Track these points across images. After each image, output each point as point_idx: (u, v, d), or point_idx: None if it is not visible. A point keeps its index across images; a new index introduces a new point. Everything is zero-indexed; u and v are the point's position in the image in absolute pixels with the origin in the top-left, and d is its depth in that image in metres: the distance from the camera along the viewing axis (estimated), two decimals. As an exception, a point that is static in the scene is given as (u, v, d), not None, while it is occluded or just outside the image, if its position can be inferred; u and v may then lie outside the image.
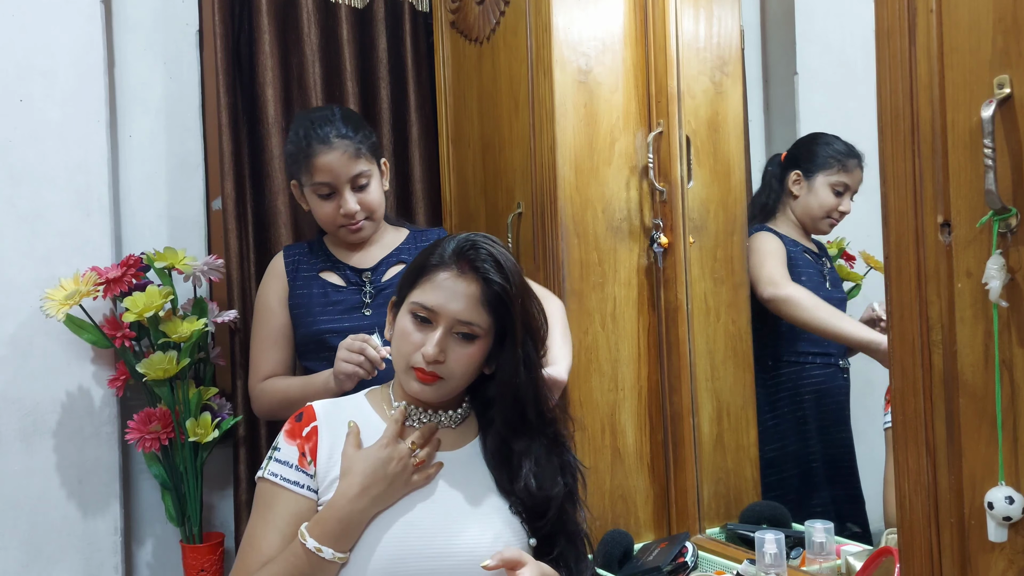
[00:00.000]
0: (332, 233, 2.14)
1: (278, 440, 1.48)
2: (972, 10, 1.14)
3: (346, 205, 2.05)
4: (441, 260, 1.44)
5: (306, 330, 2.09)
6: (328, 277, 2.13)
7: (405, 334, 1.45)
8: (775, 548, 1.73)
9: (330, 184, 2.04)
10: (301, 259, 2.15)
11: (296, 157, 2.08)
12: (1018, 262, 1.09)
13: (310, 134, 2.05)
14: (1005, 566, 1.14)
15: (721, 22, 2.22)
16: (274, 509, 1.43)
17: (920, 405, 1.23)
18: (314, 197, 2.08)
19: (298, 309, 2.10)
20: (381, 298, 2.09)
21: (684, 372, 2.15)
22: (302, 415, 1.50)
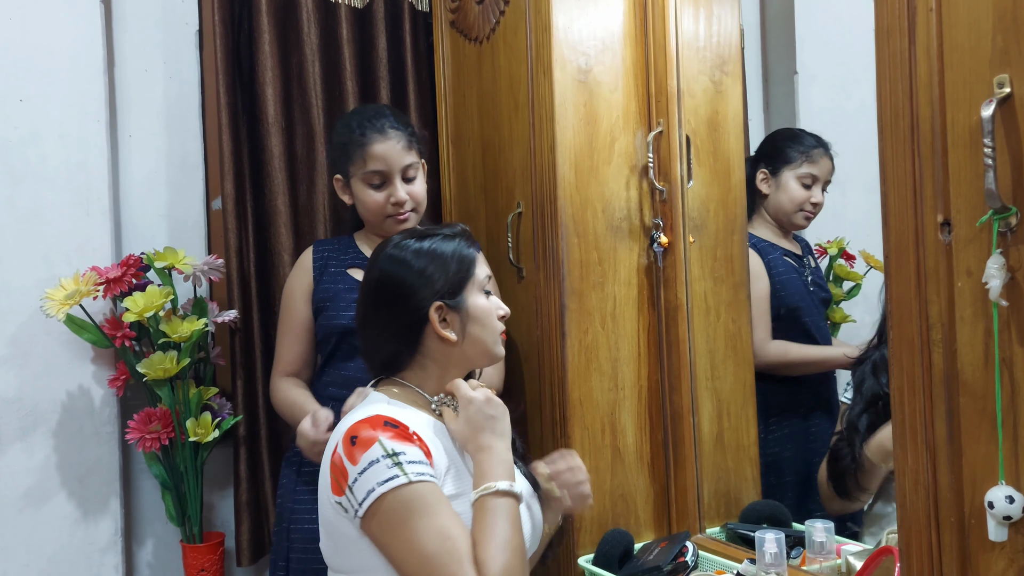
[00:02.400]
0: (377, 224, 2.17)
1: (394, 446, 1.43)
2: (972, 9, 1.14)
3: (397, 194, 2.11)
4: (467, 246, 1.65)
5: (328, 324, 2.13)
6: (355, 274, 2.15)
7: (488, 310, 1.64)
8: (775, 547, 1.73)
9: (383, 173, 2.11)
10: (330, 255, 2.20)
11: (347, 148, 2.14)
12: (1018, 261, 1.09)
13: (365, 124, 2.13)
14: (1005, 565, 1.14)
15: (721, 21, 2.22)
16: (440, 500, 1.43)
17: (920, 404, 1.23)
18: (364, 187, 2.13)
19: (323, 303, 2.15)
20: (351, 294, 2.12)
21: (684, 371, 2.14)
22: (396, 425, 1.48)
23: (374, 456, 1.42)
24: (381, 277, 1.61)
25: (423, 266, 1.59)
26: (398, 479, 1.40)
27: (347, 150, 2.14)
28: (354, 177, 2.14)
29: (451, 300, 1.59)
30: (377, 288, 1.61)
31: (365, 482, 1.41)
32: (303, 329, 2.19)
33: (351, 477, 1.43)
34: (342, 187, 2.20)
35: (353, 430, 1.46)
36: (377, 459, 1.41)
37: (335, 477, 1.46)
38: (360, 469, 1.42)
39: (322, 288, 2.16)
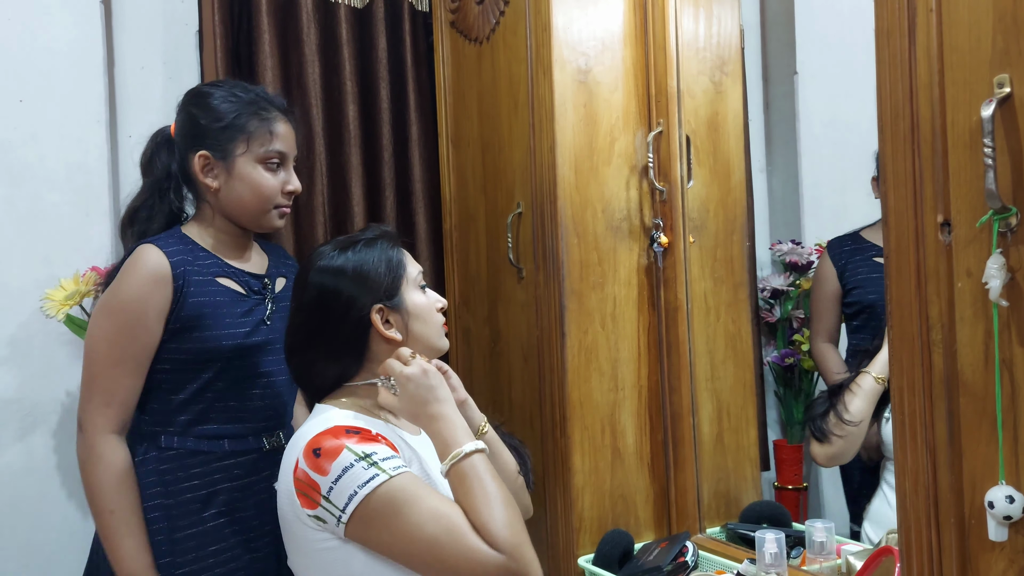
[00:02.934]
0: (256, 215, 1.89)
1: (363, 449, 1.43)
2: (972, 9, 1.14)
3: (294, 182, 1.92)
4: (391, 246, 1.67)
5: (210, 345, 1.81)
6: (227, 283, 1.88)
7: (427, 305, 1.67)
8: (775, 547, 1.73)
9: (284, 155, 1.90)
10: (187, 262, 1.82)
11: (242, 121, 1.86)
12: (1018, 261, 1.09)
13: (265, 98, 1.92)
14: (1006, 565, 1.14)
15: (721, 21, 2.22)
16: (421, 485, 1.44)
17: (920, 404, 1.23)
18: (260, 168, 1.86)
19: (196, 321, 1.80)
20: (279, 310, 1.93)
21: (684, 372, 2.15)
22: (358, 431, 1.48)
23: (346, 462, 1.41)
24: (318, 295, 1.60)
25: (356, 274, 1.60)
26: (378, 478, 1.40)
27: (241, 124, 1.85)
28: (242, 156, 1.85)
29: (390, 301, 1.61)
30: (316, 306, 1.61)
31: (344, 488, 1.40)
32: (147, 357, 1.80)
33: (324, 487, 1.41)
34: (208, 168, 1.87)
35: (314, 443, 1.45)
36: (351, 464, 1.41)
37: (304, 492, 1.44)
38: (334, 477, 1.41)
39: (192, 303, 1.79)
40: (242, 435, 1.87)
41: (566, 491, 2.09)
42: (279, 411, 1.94)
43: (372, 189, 2.61)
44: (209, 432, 1.84)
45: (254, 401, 1.89)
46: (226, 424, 1.86)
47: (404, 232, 2.63)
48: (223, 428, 1.85)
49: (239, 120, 1.86)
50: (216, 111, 1.88)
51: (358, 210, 2.55)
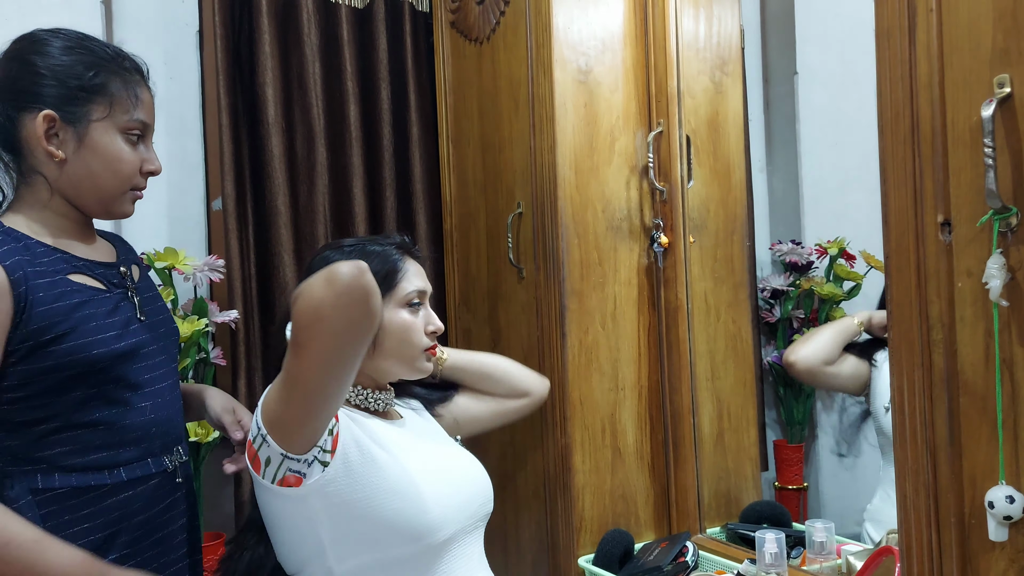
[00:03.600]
0: (111, 196, 1.56)
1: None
2: (972, 9, 1.14)
3: (155, 160, 1.60)
4: (398, 256, 1.64)
5: (81, 355, 1.47)
6: (81, 280, 1.53)
7: (410, 324, 1.62)
8: (776, 547, 1.73)
9: (146, 126, 1.59)
10: (26, 263, 1.46)
11: (102, 81, 1.54)
12: (1018, 261, 1.09)
13: (128, 57, 1.61)
14: (1006, 565, 1.14)
15: (721, 21, 2.22)
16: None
17: (920, 404, 1.23)
18: (117, 139, 1.54)
19: (47, 333, 1.45)
20: (148, 305, 1.64)
21: (684, 371, 2.15)
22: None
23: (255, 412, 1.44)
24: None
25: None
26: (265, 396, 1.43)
27: (102, 83, 1.53)
28: (100, 122, 1.52)
29: None
30: None
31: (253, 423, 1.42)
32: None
33: (252, 436, 1.43)
34: (52, 132, 1.51)
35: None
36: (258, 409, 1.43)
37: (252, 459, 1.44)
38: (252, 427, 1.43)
39: (41, 312, 1.44)
40: (136, 459, 1.55)
41: (566, 491, 2.09)
42: (173, 422, 1.64)
43: (373, 189, 2.61)
44: (94, 462, 1.50)
45: (141, 416, 1.56)
46: (113, 450, 1.52)
47: (404, 232, 2.63)
48: (111, 455, 1.52)
49: (99, 79, 1.53)
50: (66, 65, 1.55)
51: (359, 210, 2.55)
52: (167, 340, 1.67)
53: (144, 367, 1.57)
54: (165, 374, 1.62)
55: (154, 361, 1.59)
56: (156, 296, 1.69)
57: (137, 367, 1.56)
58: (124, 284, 1.61)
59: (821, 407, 2.41)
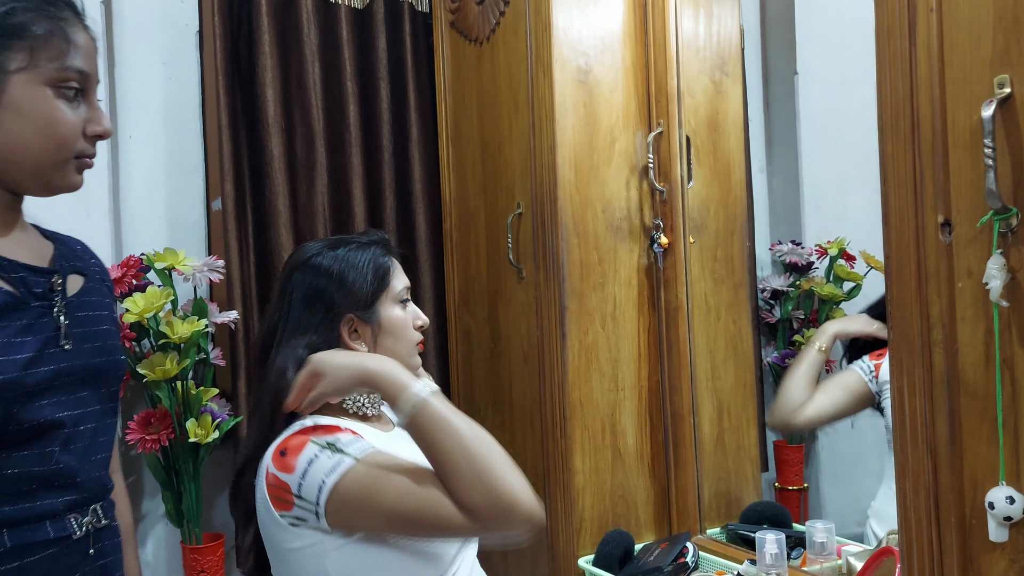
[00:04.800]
0: (46, 166, 1.27)
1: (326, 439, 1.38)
2: (972, 9, 1.14)
3: (102, 120, 1.28)
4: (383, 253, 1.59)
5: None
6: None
7: (403, 322, 1.58)
8: (776, 548, 1.73)
9: (86, 77, 1.26)
10: None
11: (20, 21, 1.21)
12: (1019, 261, 1.09)
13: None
14: (1006, 566, 1.13)
15: (721, 21, 2.22)
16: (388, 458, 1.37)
17: (921, 404, 1.23)
18: (47, 94, 1.22)
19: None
20: (82, 327, 1.31)
21: (684, 372, 2.14)
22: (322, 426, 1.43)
23: (311, 454, 1.36)
24: (301, 292, 1.53)
25: (340, 276, 1.53)
26: (344, 462, 1.34)
27: (20, 23, 1.21)
28: (21, 74, 1.21)
29: (363, 312, 1.54)
30: (296, 303, 1.53)
31: (312, 481, 1.35)
32: None
33: (294, 485, 1.36)
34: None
35: (280, 446, 1.41)
36: (315, 455, 1.36)
37: (276, 496, 1.39)
38: (301, 472, 1.36)
39: None
40: (32, 519, 1.21)
41: (566, 491, 2.09)
42: (92, 475, 1.30)
43: (372, 189, 2.61)
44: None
45: (46, 465, 1.22)
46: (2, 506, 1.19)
47: (404, 232, 2.63)
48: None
49: (14, 18, 1.20)
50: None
51: (359, 210, 2.55)
52: (101, 376, 1.32)
53: (57, 403, 1.23)
54: (88, 416, 1.28)
55: (73, 398, 1.25)
56: (101, 318, 1.35)
57: (48, 403, 1.22)
58: (49, 297, 1.27)
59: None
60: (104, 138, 1.29)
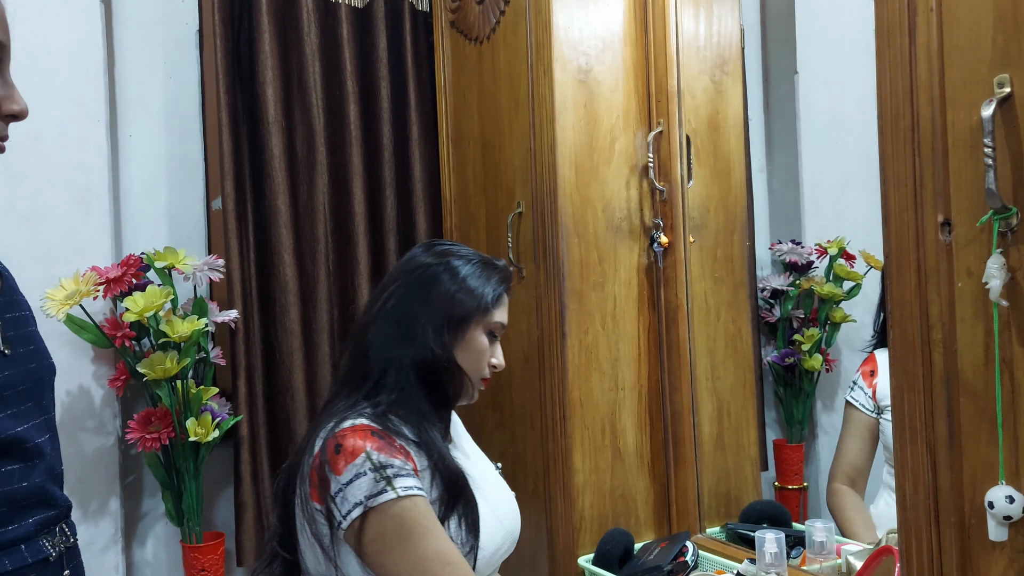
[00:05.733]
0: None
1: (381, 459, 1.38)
2: (972, 9, 1.14)
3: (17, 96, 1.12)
4: (506, 285, 1.66)
5: None
6: None
7: (484, 348, 1.61)
8: (775, 547, 1.73)
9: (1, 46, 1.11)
10: None
11: None
12: (1018, 261, 1.09)
13: None
14: (1006, 565, 1.13)
15: (721, 21, 2.22)
16: (433, 520, 1.41)
17: (920, 404, 1.23)
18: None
19: None
20: (12, 331, 1.19)
21: (684, 371, 2.14)
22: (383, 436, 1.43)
23: (360, 468, 1.37)
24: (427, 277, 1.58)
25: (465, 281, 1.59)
26: (387, 495, 1.36)
27: None
28: None
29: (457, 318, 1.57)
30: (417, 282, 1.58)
31: (351, 494, 1.36)
32: None
33: (334, 488, 1.38)
34: None
35: (339, 437, 1.41)
36: (364, 472, 1.37)
37: (315, 485, 1.41)
38: (345, 480, 1.37)
39: None
40: (7, 545, 1.13)
41: (566, 491, 2.09)
42: (57, 492, 1.23)
43: (373, 188, 2.61)
44: None
45: (10, 486, 1.13)
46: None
47: (404, 231, 2.63)
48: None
49: None
50: None
51: (359, 209, 2.55)
52: (40, 383, 1.21)
53: (9, 417, 1.12)
54: (38, 428, 1.18)
55: (19, 409, 1.15)
56: (27, 319, 1.25)
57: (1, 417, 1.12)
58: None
59: (821, 407, 2.41)
60: (20, 118, 1.08)
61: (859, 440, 2.14)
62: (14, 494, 1.12)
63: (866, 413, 2.12)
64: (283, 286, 2.44)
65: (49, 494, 1.18)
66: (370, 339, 1.55)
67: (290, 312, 2.45)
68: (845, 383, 2.26)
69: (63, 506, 1.22)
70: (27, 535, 1.13)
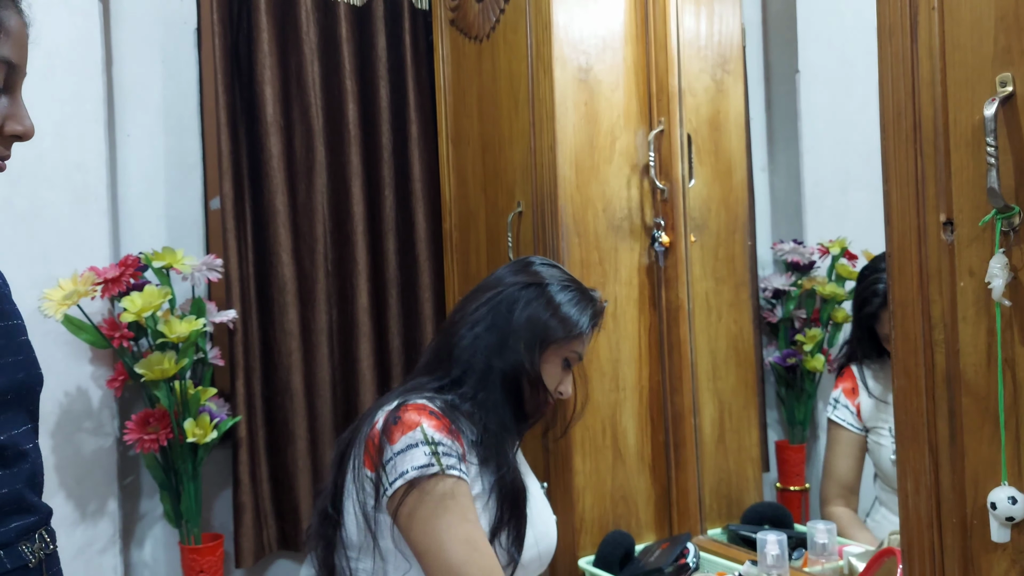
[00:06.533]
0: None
1: (434, 435, 1.45)
2: (974, 7, 1.13)
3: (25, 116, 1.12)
4: (594, 321, 1.65)
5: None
6: None
7: (557, 375, 1.63)
8: (777, 549, 1.73)
9: (13, 68, 1.10)
10: None
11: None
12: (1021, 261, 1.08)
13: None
14: (1008, 566, 1.13)
15: (722, 19, 2.22)
16: (470, 506, 1.46)
17: (922, 404, 1.22)
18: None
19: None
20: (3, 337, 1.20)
21: (686, 372, 2.14)
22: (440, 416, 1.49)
23: (413, 440, 1.44)
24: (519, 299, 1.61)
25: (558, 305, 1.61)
26: (432, 468, 1.42)
27: None
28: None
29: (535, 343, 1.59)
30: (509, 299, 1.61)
31: (400, 464, 1.43)
32: None
33: (386, 456, 1.45)
34: None
35: (399, 410, 1.48)
36: (416, 443, 1.43)
37: (370, 452, 1.47)
38: (398, 449, 1.44)
39: None
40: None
41: (567, 492, 2.08)
42: (28, 500, 1.18)
43: (372, 188, 2.60)
44: None
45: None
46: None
47: (404, 231, 2.63)
48: None
49: None
50: None
51: (358, 209, 2.54)
52: (29, 393, 1.21)
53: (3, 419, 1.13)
54: (23, 436, 1.17)
55: (4, 417, 1.14)
56: (19, 328, 1.24)
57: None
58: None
59: (823, 408, 2.40)
60: (24, 139, 1.12)
61: (848, 459, 2.15)
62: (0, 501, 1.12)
63: (853, 431, 2.13)
64: (282, 286, 2.43)
65: (28, 501, 1.17)
66: (459, 337, 1.60)
67: (288, 312, 2.44)
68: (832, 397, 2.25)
69: (43, 512, 1.20)
70: (7, 541, 1.12)
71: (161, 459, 2.24)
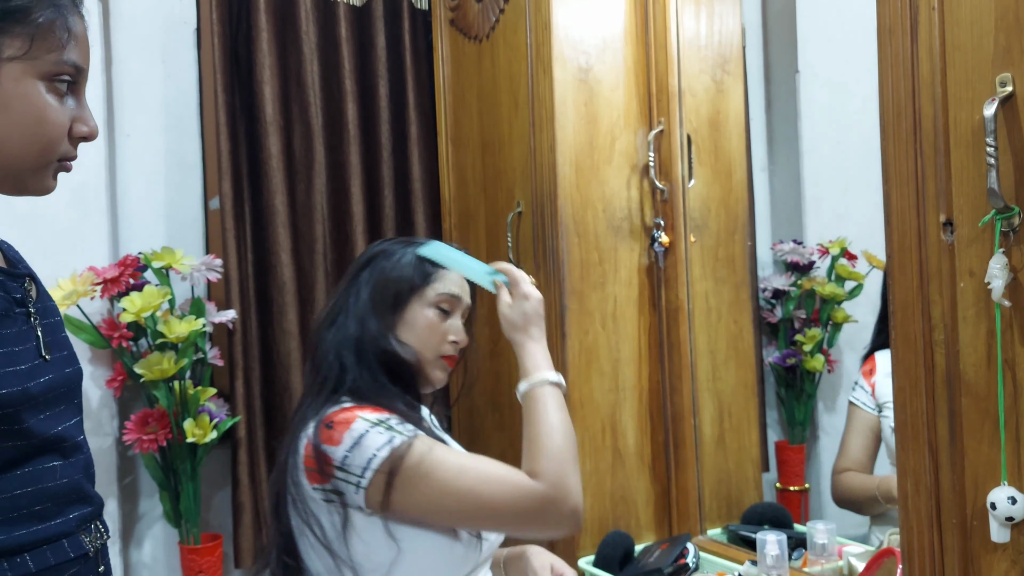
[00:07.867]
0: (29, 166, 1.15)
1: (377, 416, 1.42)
2: (974, 8, 1.13)
3: (90, 120, 1.17)
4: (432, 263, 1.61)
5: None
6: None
7: (430, 327, 1.58)
8: (777, 549, 1.73)
9: (80, 72, 1.14)
10: None
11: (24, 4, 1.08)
12: (1021, 261, 1.08)
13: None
14: (1008, 567, 1.13)
15: (722, 20, 2.22)
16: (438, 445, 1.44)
17: (922, 405, 1.22)
18: (38, 88, 1.10)
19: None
20: (51, 336, 1.20)
21: (685, 372, 2.14)
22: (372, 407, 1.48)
23: (361, 429, 1.40)
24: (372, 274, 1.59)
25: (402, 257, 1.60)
26: (396, 439, 1.39)
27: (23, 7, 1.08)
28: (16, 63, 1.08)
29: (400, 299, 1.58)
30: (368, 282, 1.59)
31: (362, 452, 1.38)
32: None
33: (337, 458, 1.40)
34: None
35: (326, 419, 1.44)
36: (365, 431, 1.40)
37: (313, 468, 1.42)
38: (348, 446, 1.39)
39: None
40: (47, 540, 1.13)
41: (566, 492, 2.08)
42: (86, 491, 1.22)
43: (371, 188, 2.60)
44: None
45: (51, 481, 1.15)
46: (16, 527, 1.10)
47: (403, 231, 2.63)
48: (13, 536, 1.10)
49: (18, 0, 1.08)
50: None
51: (357, 209, 2.54)
52: (75, 387, 1.24)
53: (50, 417, 1.15)
54: (74, 428, 1.21)
55: (58, 410, 1.17)
56: (58, 325, 1.25)
57: (44, 417, 1.14)
58: (26, 304, 1.17)
59: (823, 408, 2.40)
60: (89, 139, 1.17)
61: (862, 438, 2.14)
62: (56, 490, 1.15)
63: (867, 411, 2.12)
64: (281, 286, 2.43)
65: (86, 491, 1.21)
66: (324, 342, 1.57)
67: (288, 312, 2.44)
68: (847, 384, 2.25)
69: (98, 503, 1.24)
70: (68, 530, 1.16)
71: (160, 459, 2.24)
